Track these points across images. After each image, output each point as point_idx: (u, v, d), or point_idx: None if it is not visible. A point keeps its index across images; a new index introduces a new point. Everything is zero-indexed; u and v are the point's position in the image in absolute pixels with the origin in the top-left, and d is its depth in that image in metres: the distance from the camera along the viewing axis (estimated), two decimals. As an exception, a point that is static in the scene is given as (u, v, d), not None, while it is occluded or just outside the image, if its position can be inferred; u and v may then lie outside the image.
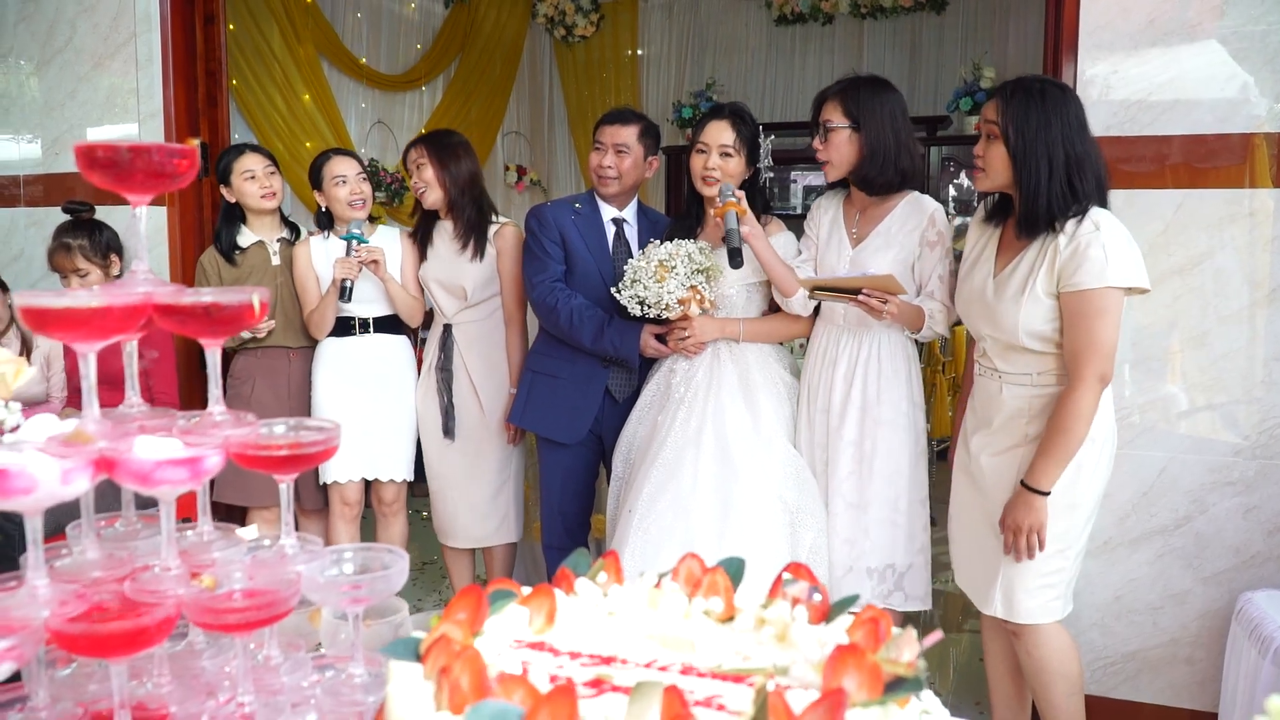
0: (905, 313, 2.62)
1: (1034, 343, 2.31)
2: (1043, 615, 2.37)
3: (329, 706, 1.13)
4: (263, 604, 1.04)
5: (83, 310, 0.98)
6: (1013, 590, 2.38)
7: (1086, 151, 2.26)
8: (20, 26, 3.91)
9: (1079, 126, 2.27)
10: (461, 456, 3.38)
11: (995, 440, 2.43)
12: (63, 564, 1.10)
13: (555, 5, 7.43)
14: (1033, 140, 2.25)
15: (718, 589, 0.97)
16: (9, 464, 0.94)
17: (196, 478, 1.03)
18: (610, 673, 0.83)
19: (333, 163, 3.38)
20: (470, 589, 0.88)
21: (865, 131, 2.67)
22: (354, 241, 3.23)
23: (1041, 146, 2.25)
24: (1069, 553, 2.35)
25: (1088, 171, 2.25)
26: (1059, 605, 2.39)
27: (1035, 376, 2.35)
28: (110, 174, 1.03)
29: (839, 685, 0.73)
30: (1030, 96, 2.27)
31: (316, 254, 3.38)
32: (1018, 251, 2.34)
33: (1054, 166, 2.24)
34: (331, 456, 1.13)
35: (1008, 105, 2.29)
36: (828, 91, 2.76)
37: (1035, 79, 2.34)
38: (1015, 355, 2.37)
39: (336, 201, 3.34)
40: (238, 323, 1.06)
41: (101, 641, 0.97)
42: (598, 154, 3.13)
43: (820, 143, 2.74)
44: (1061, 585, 2.37)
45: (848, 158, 2.70)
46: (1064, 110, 2.26)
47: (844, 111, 2.69)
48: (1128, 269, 2.21)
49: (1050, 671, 2.42)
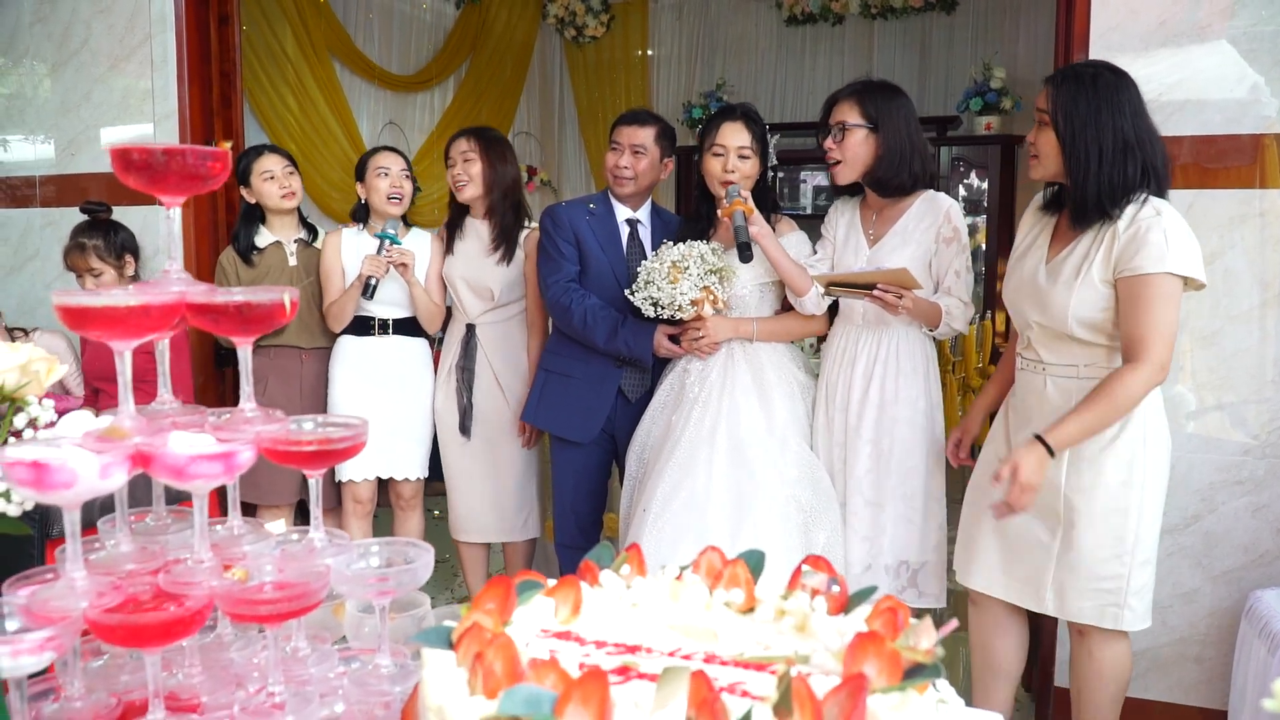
0: (922, 308, 2.63)
1: (1083, 331, 2.28)
2: (1099, 619, 2.34)
3: (356, 696, 1.16)
4: (294, 595, 1.06)
5: (120, 309, 1.01)
6: (1064, 589, 2.36)
7: (1140, 139, 2.22)
8: (36, 28, 3.95)
9: (1133, 114, 2.22)
10: (486, 454, 3.40)
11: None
12: (97, 557, 1.13)
13: (566, 6, 7.45)
14: (1081, 128, 2.22)
15: (738, 581, 0.99)
16: (50, 458, 0.96)
17: (229, 472, 1.06)
18: (636, 661, 0.85)
19: (379, 155, 3.42)
20: (498, 580, 0.91)
21: (883, 132, 2.68)
22: (387, 241, 3.26)
23: (1091, 133, 2.21)
24: (1126, 559, 2.30)
25: (1140, 159, 2.21)
26: (1121, 614, 2.32)
27: (1081, 369, 2.32)
28: (145, 176, 1.05)
29: (860, 671, 0.75)
30: (1081, 83, 2.25)
31: (347, 246, 3.41)
32: (1072, 239, 2.32)
33: (1104, 154, 2.20)
34: (359, 452, 1.16)
35: (1058, 92, 2.27)
36: (841, 93, 2.76)
37: (1090, 65, 2.32)
38: (1062, 345, 2.34)
39: (376, 192, 3.36)
40: (269, 321, 1.09)
41: (138, 631, 0.99)
42: (614, 154, 3.14)
43: (834, 143, 2.73)
44: (1121, 594, 2.31)
45: (863, 158, 2.71)
46: (1115, 97, 2.22)
47: (861, 112, 2.69)
48: (1188, 258, 2.17)
49: (1105, 677, 2.41)
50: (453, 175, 3.35)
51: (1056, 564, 2.37)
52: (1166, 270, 2.16)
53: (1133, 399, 2.20)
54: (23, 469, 0.97)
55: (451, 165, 3.34)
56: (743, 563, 1.00)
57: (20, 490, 1.00)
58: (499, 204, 3.33)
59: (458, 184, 3.33)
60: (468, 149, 3.31)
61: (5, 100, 4.05)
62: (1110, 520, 2.30)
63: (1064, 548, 2.36)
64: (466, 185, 3.31)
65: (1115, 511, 2.30)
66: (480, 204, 3.35)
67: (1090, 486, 2.31)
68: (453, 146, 3.36)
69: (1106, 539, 2.31)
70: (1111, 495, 2.29)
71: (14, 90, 4.03)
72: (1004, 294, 2.54)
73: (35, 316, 3.89)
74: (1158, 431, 2.32)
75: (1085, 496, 2.32)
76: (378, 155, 3.42)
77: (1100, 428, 2.24)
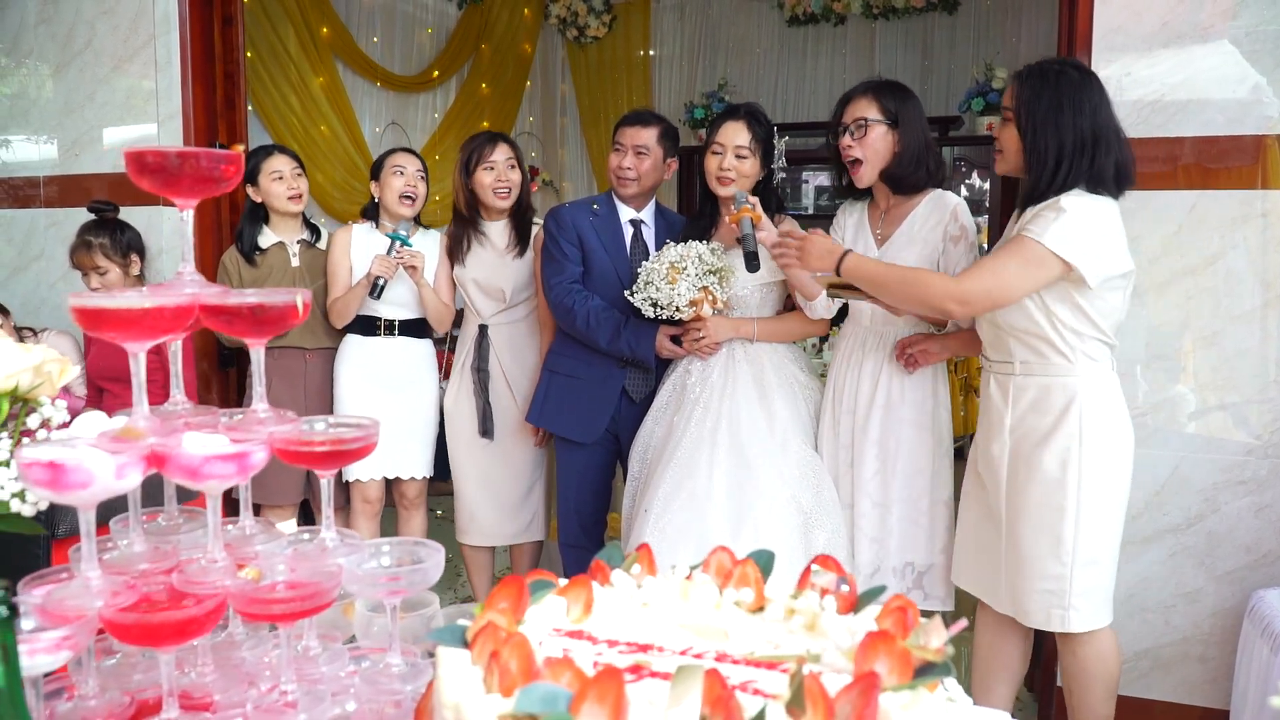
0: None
1: (1008, 322, 2.33)
2: (1045, 621, 2.35)
3: (367, 695, 1.16)
4: (306, 595, 1.07)
5: (135, 310, 1.02)
6: (1015, 590, 2.39)
7: (1100, 137, 2.24)
8: (40, 29, 3.96)
9: (1093, 111, 2.24)
10: (496, 455, 3.42)
11: (985, 435, 2.46)
12: (110, 557, 1.14)
13: (567, 6, 7.46)
14: (1042, 124, 2.25)
15: (748, 580, 1.00)
16: (66, 459, 0.97)
17: (243, 472, 1.06)
18: (648, 659, 0.86)
19: (397, 155, 3.44)
20: (511, 579, 0.91)
21: (902, 129, 2.68)
22: (397, 242, 3.27)
23: (1051, 130, 2.24)
24: (1066, 559, 2.31)
25: (1096, 157, 2.23)
26: (1066, 615, 2.33)
27: (1018, 365, 2.37)
28: (159, 179, 1.06)
29: (871, 669, 0.76)
30: (1044, 80, 2.27)
31: (357, 242, 3.43)
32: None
33: (1064, 150, 2.23)
34: (370, 453, 1.16)
35: (1021, 88, 2.31)
36: (856, 90, 2.76)
37: (1056, 62, 2.34)
38: (1002, 342, 2.40)
39: (390, 190, 3.38)
40: (283, 323, 1.10)
41: (153, 630, 1.00)
42: (617, 155, 3.15)
43: (853, 140, 2.71)
44: (1064, 595, 2.32)
45: (883, 155, 2.70)
46: (1077, 95, 2.24)
47: (880, 108, 2.69)
48: (1071, 242, 2.18)
49: (1090, 674, 2.42)
50: (494, 181, 3.31)
51: (1005, 564, 2.40)
52: (1040, 240, 2.19)
53: (921, 297, 2.32)
54: (39, 469, 0.98)
55: (490, 169, 3.31)
56: (752, 562, 1.01)
57: (37, 490, 1.00)
58: (523, 203, 3.39)
59: (499, 191, 3.32)
60: (511, 155, 3.34)
61: (9, 100, 4.05)
62: (1045, 518, 2.32)
63: (1009, 547, 2.39)
64: (510, 191, 3.32)
65: (1050, 509, 2.31)
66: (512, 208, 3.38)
67: (1025, 484, 2.35)
68: (495, 151, 3.32)
69: (1043, 538, 2.32)
70: (1046, 493, 2.31)
71: (18, 90, 4.03)
72: None
73: (40, 316, 3.90)
74: (1098, 430, 2.31)
75: (1021, 496, 2.35)
76: (395, 155, 3.43)
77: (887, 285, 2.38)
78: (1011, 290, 2.23)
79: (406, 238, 3.29)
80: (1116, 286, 2.29)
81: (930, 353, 2.67)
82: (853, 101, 2.74)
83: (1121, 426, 2.36)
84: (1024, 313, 2.30)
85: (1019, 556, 2.37)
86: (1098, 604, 2.36)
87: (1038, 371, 2.34)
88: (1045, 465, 2.31)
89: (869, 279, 2.41)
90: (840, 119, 2.75)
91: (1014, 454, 2.37)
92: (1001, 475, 2.40)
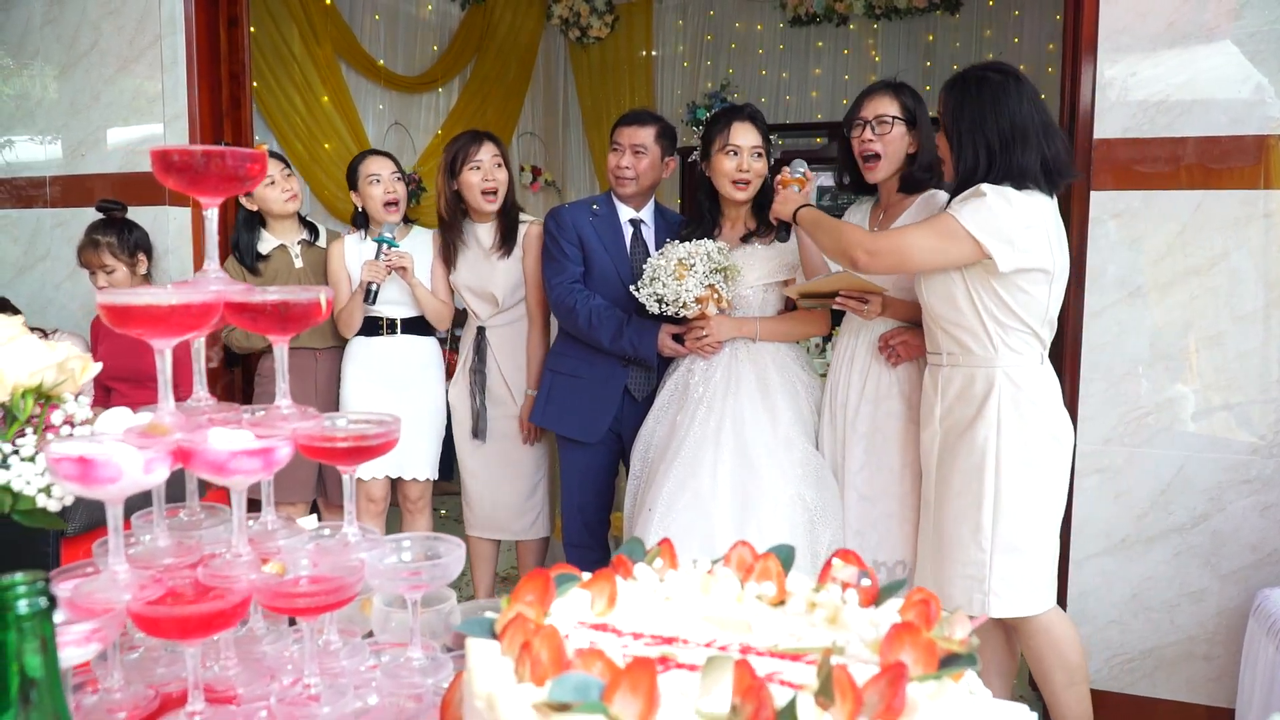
0: (898, 307, 2.69)
1: (936, 313, 2.44)
2: (967, 605, 2.39)
3: (389, 688, 1.17)
4: (330, 589, 1.08)
5: (162, 307, 1.03)
6: (938, 575, 2.46)
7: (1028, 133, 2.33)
8: (46, 29, 3.97)
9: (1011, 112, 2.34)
10: (497, 455, 3.43)
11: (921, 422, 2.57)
12: (135, 551, 1.14)
13: (570, 7, 7.47)
14: (968, 129, 2.37)
15: (770, 574, 1.01)
16: (96, 454, 0.98)
17: (268, 468, 1.07)
18: (674, 652, 0.87)
19: (367, 162, 3.42)
20: (537, 572, 0.93)
21: (920, 128, 2.73)
22: (384, 245, 3.27)
23: (977, 134, 2.35)
24: (985, 544, 2.37)
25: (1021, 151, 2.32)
26: (989, 601, 2.38)
27: (945, 357, 2.46)
28: (185, 178, 1.07)
29: (899, 660, 0.77)
30: (965, 87, 2.40)
31: (350, 253, 3.43)
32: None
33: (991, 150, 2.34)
34: (391, 449, 1.17)
35: (947, 97, 2.43)
36: (875, 88, 2.79)
37: (978, 68, 2.45)
38: (933, 335, 2.50)
39: (371, 200, 3.38)
40: (307, 319, 1.11)
41: (181, 624, 1.01)
42: (615, 155, 3.16)
43: (874, 135, 2.73)
44: (984, 580, 2.38)
45: (902, 152, 2.74)
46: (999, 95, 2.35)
47: (901, 106, 2.73)
48: (985, 225, 2.27)
49: (1046, 661, 2.48)
50: (480, 180, 3.29)
51: (929, 549, 2.50)
52: (957, 217, 2.30)
53: (840, 242, 2.50)
54: (69, 464, 0.99)
55: (476, 169, 3.28)
56: (774, 556, 1.02)
57: (66, 485, 1.01)
58: (510, 202, 3.37)
59: (487, 189, 3.29)
60: (497, 153, 3.32)
61: (15, 101, 4.06)
62: (962, 503, 2.39)
63: (934, 533, 2.48)
64: (497, 189, 3.31)
65: (969, 496, 2.38)
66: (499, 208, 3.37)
67: (949, 472, 2.43)
68: (480, 150, 3.30)
69: (964, 524, 2.39)
70: (966, 480, 2.38)
71: (24, 91, 4.04)
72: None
73: (46, 316, 3.91)
74: (1020, 419, 2.37)
75: (945, 483, 2.44)
76: (366, 162, 3.42)
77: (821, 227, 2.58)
78: (917, 254, 2.35)
79: (393, 240, 3.30)
80: (1037, 281, 2.35)
81: (911, 344, 2.69)
82: (874, 98, 2.76)
83: (1048, 417, 2.41)
84: (949, 302, 2.39)
85: (942, 542, 2.44)
86: (1023, 591, 2.40)
87: (962, 362, 2.42)
88: (966, 453, 2.39)
89: (812, 223, 2.60)
90: (858, 114, 2.77)
91: (942, 444, 2.46)
92: (931, 463, 2.50)
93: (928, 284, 2.46)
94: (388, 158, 3.46)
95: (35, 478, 1.11)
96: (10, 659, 0.75)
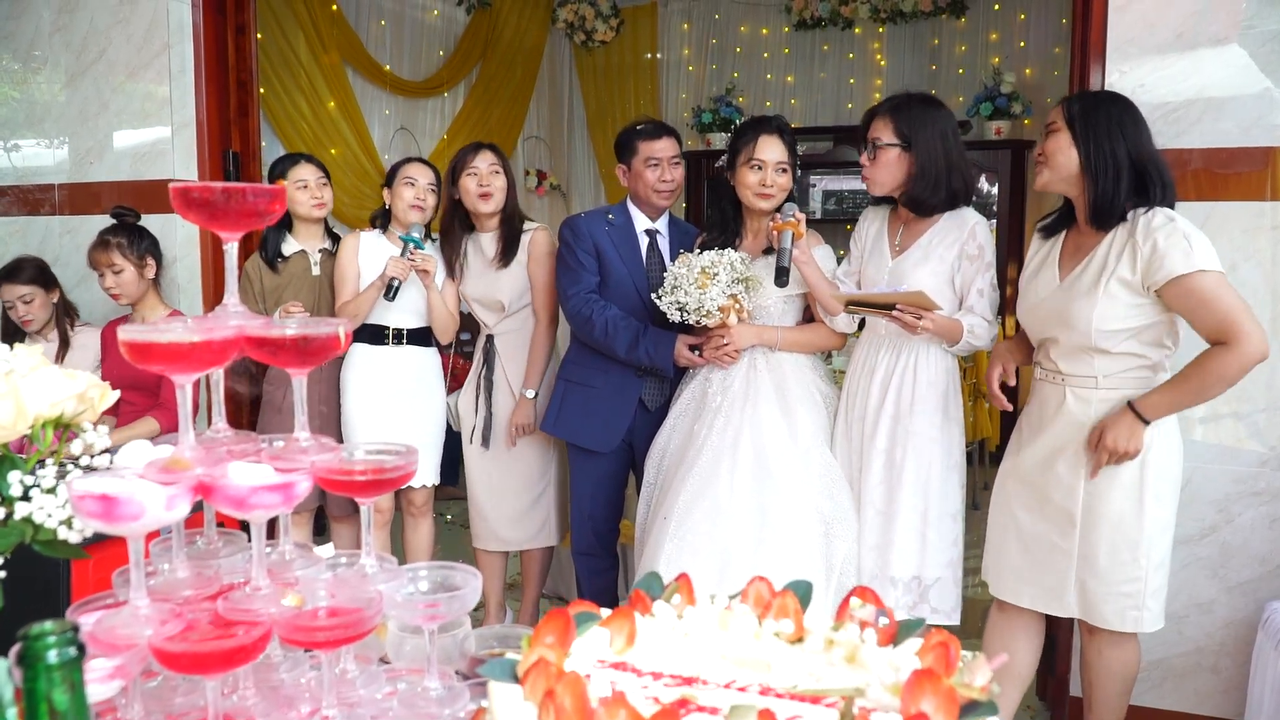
0: (942, 327, 2.64)
1: (1106, 341, 2.34)
2: (1120, 623, 2.41)
3: (405, 718, 1.18)
4: (349, 623, 1.09)
5: (183, 345, 1.04)
6: (1086, 592, 2.42)
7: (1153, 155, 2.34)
8: (55, 37, 3.97)
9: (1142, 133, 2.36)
10: (503, 463, 3.44)
11: (1055, 445, 2.45)
12: (155, 582, 1.15)
13: (575, 11, 7.46)
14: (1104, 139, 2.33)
15: (787, 611, 1.01)
16: (119, 492, 0.99)
17: (288, 502, 1.08)
18: (694, 693, 0.87)
19: (410, 166, 3.45)
20: (557, 613, 0.93)
21: (916, 151, 2.68)
22: (411, 244, 3.28)
23: (1110, 146, 2.32)
24: (1143, 561, 2.37)
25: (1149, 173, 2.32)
26: (1140, 616, 2.40)
27: (1101, 379, 2.38)
28: (205, 213, 1.08)
29: (920, 710, 0.77)
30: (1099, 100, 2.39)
31: (365, 249, 3.45)
32: (1085, 254, 2.39)
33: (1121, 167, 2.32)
34: (408, 481, 1.18)
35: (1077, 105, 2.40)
36: (879, 108, 2.77)
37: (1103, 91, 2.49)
38: (1083, 357, 2.40)
39: (400, 199, 3.39)
40: (326, 352, 1.12)
41: (202, 659, 1.02)
42: (654, 170, 3.16)
43: (868, 159, 2.74)
44: (1140, 597, 2.39)
45: (895, 176, 2.72)
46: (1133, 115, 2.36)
47: (895, 130, 2.70)
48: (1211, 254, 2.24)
49: (1113, 673, 2.49)
50: (477, 186, 3.31)
51: (1077, 568, 2.43)
52: (1197, 268, 2.22)
53: (1223, 377, 2.26)
54: (91, 501, 1.00)
55: (473, 175, 3.31)
56: (791, 593, 1.03)
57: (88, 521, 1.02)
58: (513, 212, 3.38)
59: (485, 194, 3.31)
60: (495, 161, 3.34)
61: (24, 107, 4.07)
62: (1125, 523, 2.36)
63: (1082, 552, 2.42)
64: (494, 196, 3.32)
65: (1129, 515, 2.36)
66: (497, 215, 3.38)
67: (1106, 490, 2.37)
68: (476, 158, 3.33)
69: (1123, 543, 2.37)
70: (1126, 498, 2.35)
71: (32, 98, 4.05)
72: (1019, 315, 2.60)
73: (55, 323, 3.92)
74: (1167, 437, 2.38)
75: (1102, 500, 2.38)
76: (408, 165, 3.45)
77: (1187, 402, 2.33)
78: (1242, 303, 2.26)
79: (420, 241, 3.31)
80: None
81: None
82: (874, 119, 2.75)
83: (1175, 428, 2.43)
84: (1118, 328, 2.33)
85: (1098, 562, 2.40)
86: (1163, 605, 2.44)
87: (1122, 385, 2.37)
88: (1125, 472, 2.36)
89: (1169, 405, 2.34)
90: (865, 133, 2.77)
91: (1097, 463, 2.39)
92: (1078, 483, 2.42)
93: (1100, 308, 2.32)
94: (431, 169, 3.47)
95: (56, 510, 1.11)
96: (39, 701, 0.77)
